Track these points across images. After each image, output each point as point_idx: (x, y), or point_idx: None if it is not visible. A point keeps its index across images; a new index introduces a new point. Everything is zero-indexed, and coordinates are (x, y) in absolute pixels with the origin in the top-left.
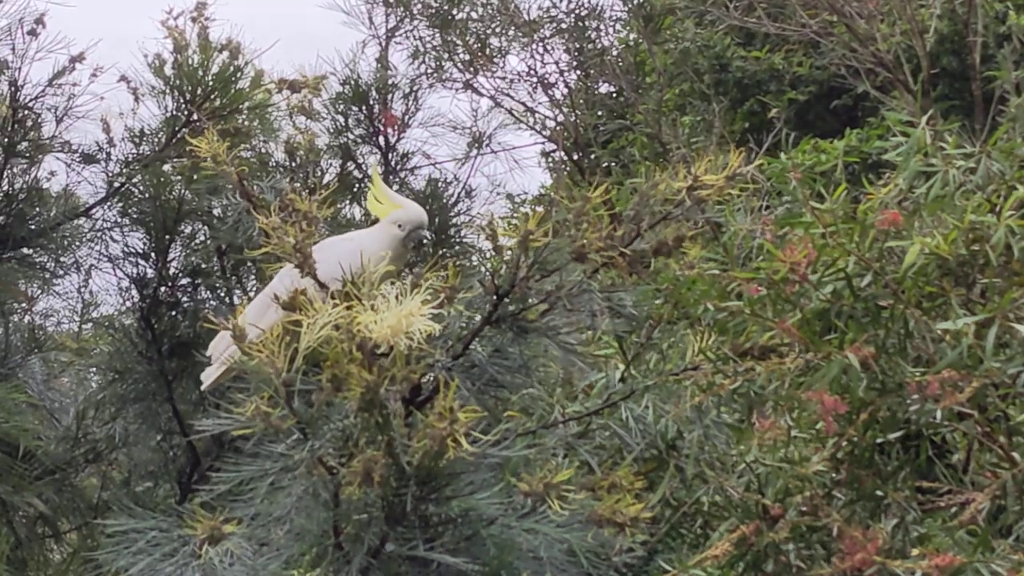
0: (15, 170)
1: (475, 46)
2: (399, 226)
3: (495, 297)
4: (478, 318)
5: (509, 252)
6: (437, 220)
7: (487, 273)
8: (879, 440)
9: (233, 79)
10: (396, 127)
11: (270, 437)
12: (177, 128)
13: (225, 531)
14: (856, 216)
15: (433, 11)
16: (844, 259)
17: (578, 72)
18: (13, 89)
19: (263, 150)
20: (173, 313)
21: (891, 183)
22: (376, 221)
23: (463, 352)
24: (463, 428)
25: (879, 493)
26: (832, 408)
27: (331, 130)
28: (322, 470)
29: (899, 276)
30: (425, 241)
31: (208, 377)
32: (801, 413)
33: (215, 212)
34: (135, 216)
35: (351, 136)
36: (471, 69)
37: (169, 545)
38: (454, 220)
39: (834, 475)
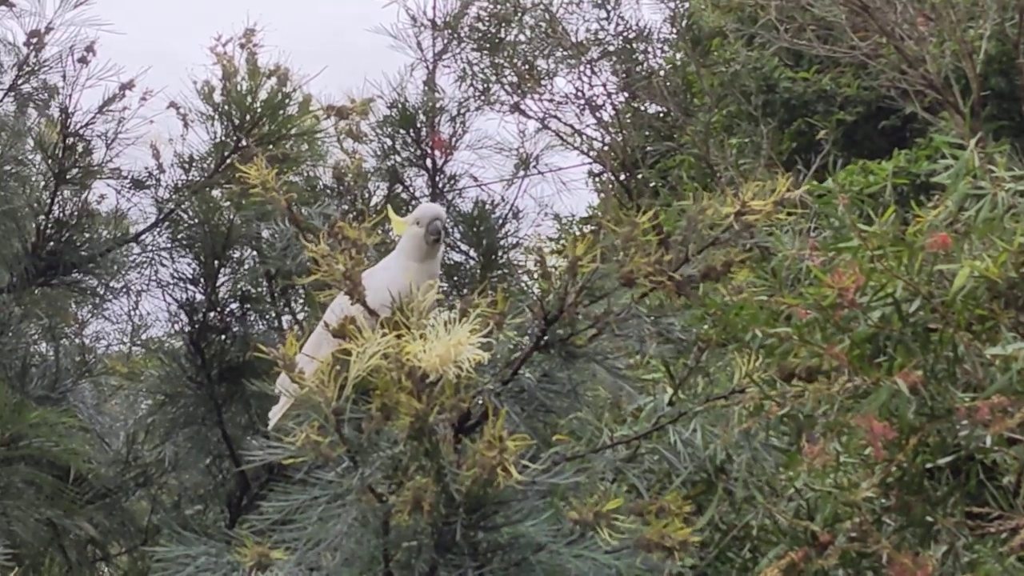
0: (65, 196)
1: (523, 68)
2: (417, 223)
3: (544, 322)
4: (526, 342)
5: (557, 277)
6: (484, 242)
7: (535, 297)
8: (929, 465)
9: (281, 105)
10: (443, 150)
11: (320, 465)
12: (226, 154)
13: (274, 557)
14: (904, 239)
15: (481, 34)
16: (892, 283)
17: (625, 94)
18: (64, 116)
19: (311, 175)
20: (222, 338)
21: (940, 205)
22: None
23: (512, 377)
24: (512, 456)
25: (929, 519)
26: (881, 433)
27: (379, 153)
28: (371, 498)
29: (948, 300)
30: (444, 232)
31: (275, 415)
32: (850, 438)
33: (264, 237)
34: (184, 241)
35: (398, 159)
36: (519, 91)
37: (219, 571)
38: (502, 242)
39: (883, 501)
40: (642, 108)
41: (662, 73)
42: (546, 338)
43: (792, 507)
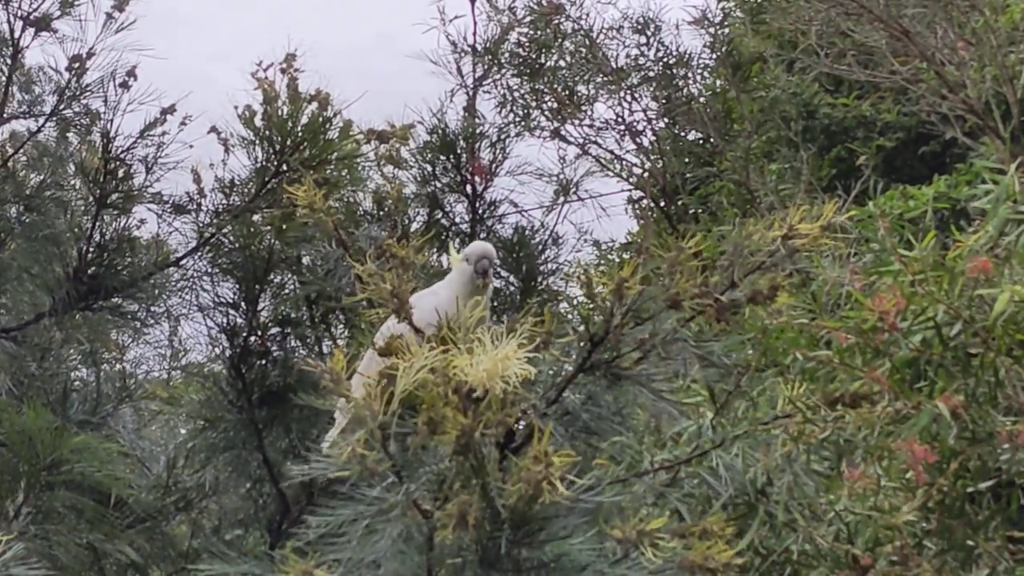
0: (106, 220)
1: (563, 94)
2: (467, 260)
3: (589, 344)
4: (570, 366)
5: (602, 300)
6: (524, 268)
7: (580, 319)
8: (970, 489)
9: (322, 130)
10: (484, 176)
11: (364, 481)
12: (267, 179)
13: (318, 575)
14: (945, 264)
15: (521, 60)
16: (933, 308)
17: (665, 119)
18: (105, 141)
19: (351, 199)
20: (263, 362)
21: (980, 230)
22: None
23: (557, 399)
24: (559, 472)
25: (970, 543)
26: (922, 457)
27: (419, 179)
28: (416, 513)
29: (989, 324)
30: (489, 270)
31: (330, 436)
32: (891, 462)
33: (304, 262)
34: (225, 266)
35: (438, 185)
36: (559, 117)
37: None
38: (541, 268)
39: (924, 525)
40: (682, 134)
41: (702, 99)
42: (591, 360)
43: (832, 531)
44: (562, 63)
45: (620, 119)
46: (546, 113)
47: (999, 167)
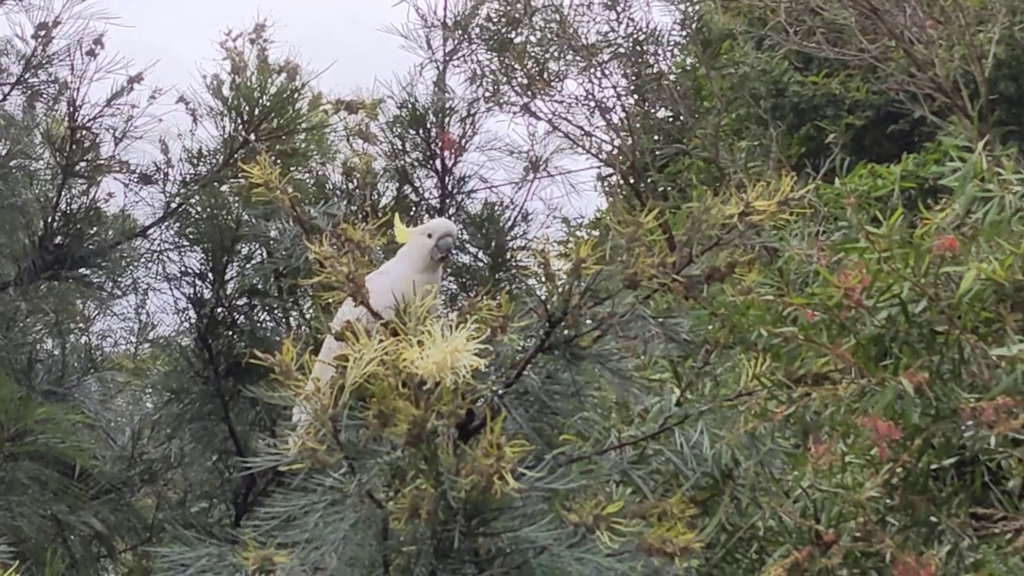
0: (73, 190)
1: (533, 70)
2: (428, 235)
3: (548, 324)
4: (531, 344)
5: (562, 278)
6: (494, 244)
7: (540, 299)
8: (933, 466)
9: (291, 100)
10: (453, 151)
11: (319, 470)
12: (235, 148)
13: (276, 561)
14: (912, 241)
15: (492, 35)
16: (899, 285)
17: (635, 96)
18: (72, 109)
19: (320, 172)
20: (230, 333)
21: (947, 208)
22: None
23: (516, 379)
24: (510, 464)
25: (933, 519)
26: (886, 434)
27: (388, 153)
28: (370, 504)
29: (955, 302)
30: (453, 251)
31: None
32: (855, 439)
33: (272, 233)
34: (192, 236)
35: (408, 159)
36: (529, 93)
37: (222, 573)
38: (510, 244)
39: (888, 501)
40: (652, 111)
41: (672, 76)
42: (550, 339)
43: (798, 507)
44: (532, 39)
45: (590, 95)
46: (516, 88)
47: (967, 145)
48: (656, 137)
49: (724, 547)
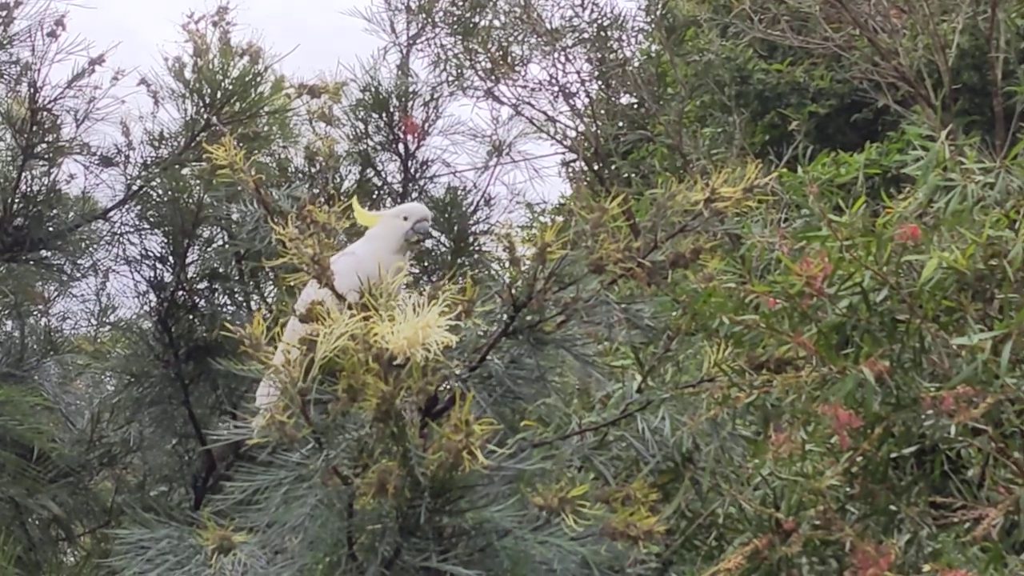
0: (34, 172)
1: (497, 54)
2: (404, 218)
3: (512, 308)
4: (495, 328)
5: (527, 263)
6: (456, 228)
7: (505, 284)
8: (893, 455)
9: (253, 83)
10: (416, 134)
11: (285, 446)
12: (196, 131)
13: (236, 541)
14: (874, 230)
15: (455, 19)
16: (861, 273)
17: (599, 82)
18: (32, 91)
19: (282, 156)
20: (190, 317)
21: (910, 197)
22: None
23: (480, 363)
24: (478, 441)
25: (893, 508)
26: (847, 422)
27: (351, 137)
28: (336, 480)
29: (916, 291)
30: (429, 235)
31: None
32: (816, 427)
33: (234, 216)
34: (153, 219)
35: (371, 143)
36: (492, 77)
37: (182, 554)
38: (473, 229)
39: (848, 489)
40: (616, 97)
41: (636, 62)
42: (514, 324)
43: (758, 495)
44: (496, 23)
45: (554, 80)
46: (480, 73)
47: (930, 135)
48: (620, 123)
49: (684, 534)
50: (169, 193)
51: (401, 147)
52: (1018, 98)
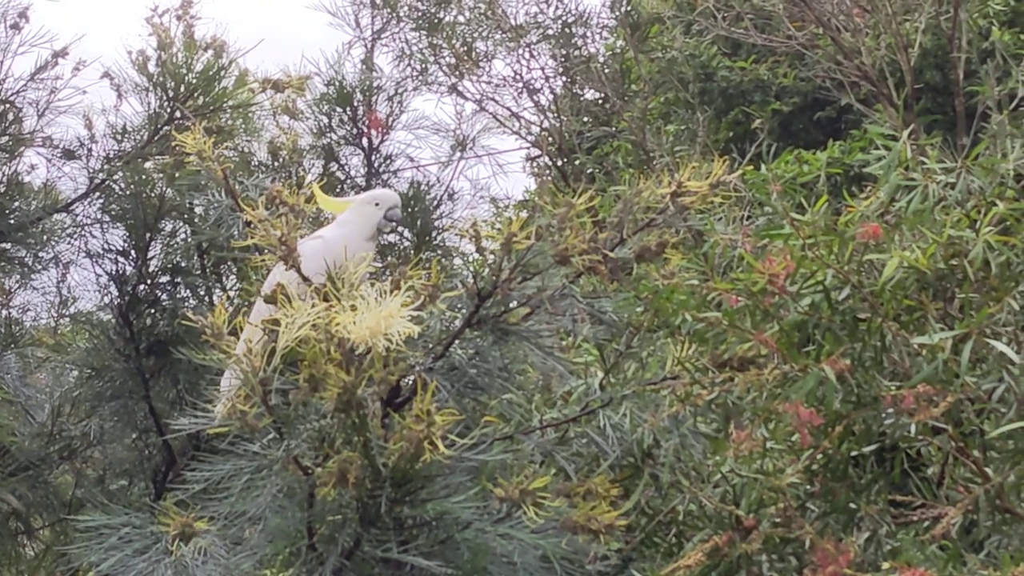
0: None
1: (461, 50)
2: (376, 204)
3: (477, 299)
4: (459, 320)
5: (492, 255)
6: (420, 222)
7: (469, 276)
8: (854, 453)
9: (217, 77)
10: (380, 129)
11: (246, 436)
12: (160, 125)
13: (197, 528)
14: (836, 229)
15: (420, 14)
16: (823, 272)
17: (564, 78)
18: None
19: (246, 149)
20: (152, 311)
21: (872, 196)
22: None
23: (443, 354)
24: (440, 431)
25: (853, 506)
26: (808, 420)
27: (315, 131)
28: (297, 470)
29: (877, 289)
30: (401, 223)
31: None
32: (777, 425)
33: (196, 210)
34: (115, 212)
35: (334, 137)
36: (456, 72)
37: (142, 541)
38: (436, 223)
39: (808, 487)
40: (580, 93)
41: (600, 58)
42: (479, 315)
43: (719, 492)
44: (461, 18)
45: (518, 76)
46: (444, 68)
47: (892, 134)
48: (584, 119)
49: (644, 531)
50: (132, 187)
51: (365, 141)
52: (980, 98)
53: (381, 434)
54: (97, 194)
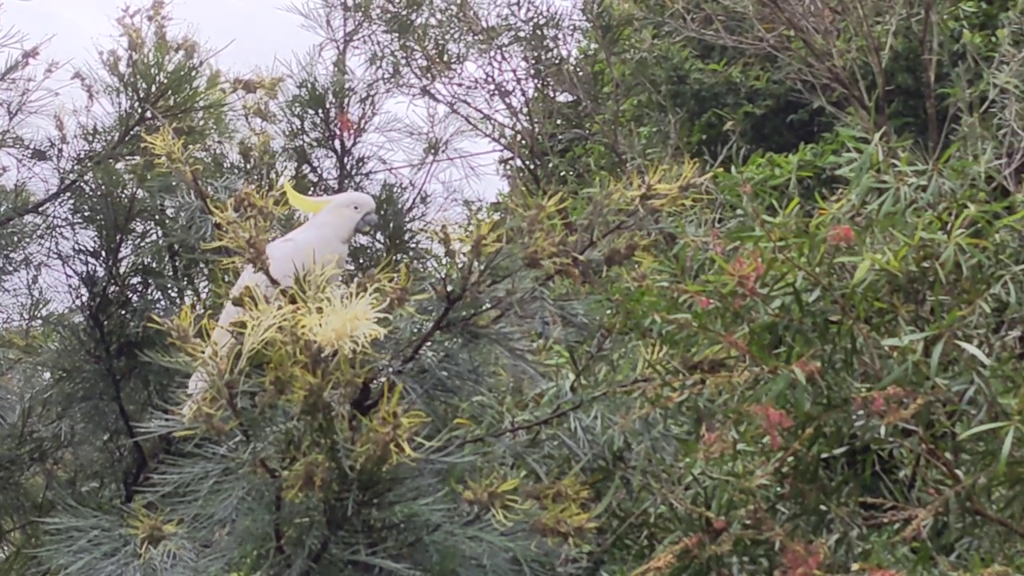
0: None
1: (433, 52)
2: (354, 207)
3: (447, 301)
4: (430, 323)
5: (462, 257)
6: (392, 225)
7: (440, 278)
8: (824, 455)
9: (188, 78)
10: (352, 131)
11: (213, 438)
12: (131, 125)
13: (166, 531)
14: (807, 231)
15: (391, 16)
16: (793, 274)
17: (536, 80)
18: None
19: (218, 151)
20: (123, 312)
21: (843, 199)
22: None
23: (413, 356)
24: (406, 433)
25: (823, 508)
26: (778, 422)
27: (287, 133)
28: (264, 472)
29: (848, 292)
30: (378, 227)
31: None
32: (748, 427)
33: (167, 211)
34: (86, 213)
35: (307, 139)
36: (428, 75)
37: (110, 544)
38: (409, 225)
39: (778, 489)
40: (552, 95)
41: (572, 61)
42: (448, 317)
43: (689, 494)
44: (432, 21)
45: (490, 79)
46: (416, 70)
47: (863, 136)
48: (556, 121)
49: (615, 533)
50: (102, 187)
51: (337, 143)
52: (951, 100)
53: (349, 436)
54: (68, 195)
